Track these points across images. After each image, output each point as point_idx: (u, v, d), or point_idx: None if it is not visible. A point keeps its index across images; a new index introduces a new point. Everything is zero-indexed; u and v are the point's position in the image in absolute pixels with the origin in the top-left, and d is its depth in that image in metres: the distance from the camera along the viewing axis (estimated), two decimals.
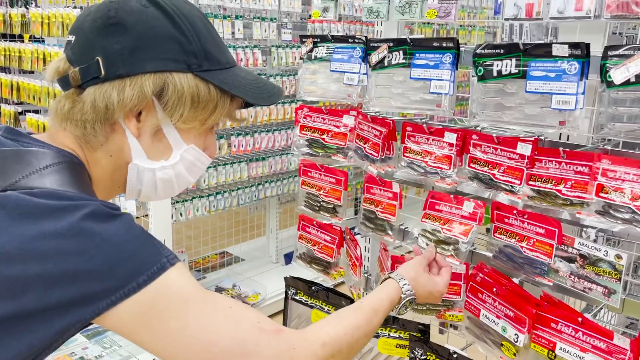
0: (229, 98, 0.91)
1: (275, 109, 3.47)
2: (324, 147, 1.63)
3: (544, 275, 1.25)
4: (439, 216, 1.42)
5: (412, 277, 1.16)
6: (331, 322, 0.94)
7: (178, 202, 3.07)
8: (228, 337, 0.77)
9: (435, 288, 1.20)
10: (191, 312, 0.76)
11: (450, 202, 1.40)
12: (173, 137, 0.90)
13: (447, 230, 1.38)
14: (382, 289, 1.11)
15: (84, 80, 0.84)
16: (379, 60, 1.43)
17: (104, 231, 0.73)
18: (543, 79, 1.16)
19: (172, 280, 0.76)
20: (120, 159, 0.90)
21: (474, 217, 1.35)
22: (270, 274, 3.84)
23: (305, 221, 1.75)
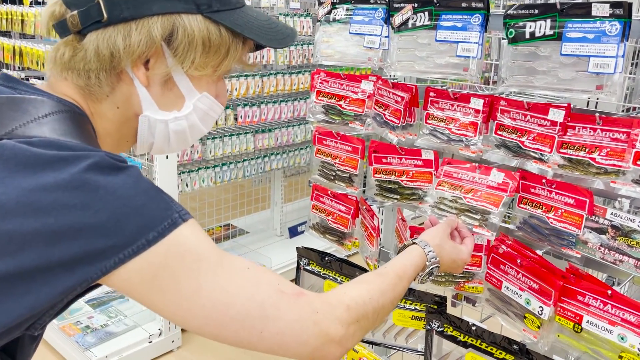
0: (241, 41, 0.85)
1: (283, 80, 3.40)
2: (341, 114, 1.58)
3: (571, 247, 1.21)
4: (458, 184, 1.36)
5: (437, 244, 1.12)
6: (355, 286, 0.88)
7: (184, 173, 3.02)
8: (245, 299, 0.72)
9: (459, 256, 1.17)
10: (206, 272, 0.71)
11: (471, 171, 1.35)
12: (185, 85, 0.84)
13: (473, 200, 1.31)
14: (405, 255, 1.07)
15: (84, 25, 0.77)
16: (402, 22, 1.37)
17: (109, 184, 0.67)
18: (580, 40, 1.10)
19: (185, 237, 0.70)
20: (128, 111, 0.83)
21: (505, 188, 1.29)
22: (275, 246, 3.82)
23: (319, 191, 1.70)
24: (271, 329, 0.73)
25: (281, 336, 0.74)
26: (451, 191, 1.35)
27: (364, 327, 0.83)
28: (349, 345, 0.80)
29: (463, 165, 1.37)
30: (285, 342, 0.74)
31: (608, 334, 1.11)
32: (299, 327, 0.74)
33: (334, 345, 0.78)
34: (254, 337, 0.73)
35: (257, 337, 0.73)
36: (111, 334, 2.76)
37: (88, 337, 2.71)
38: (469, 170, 1.35)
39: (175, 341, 2.85)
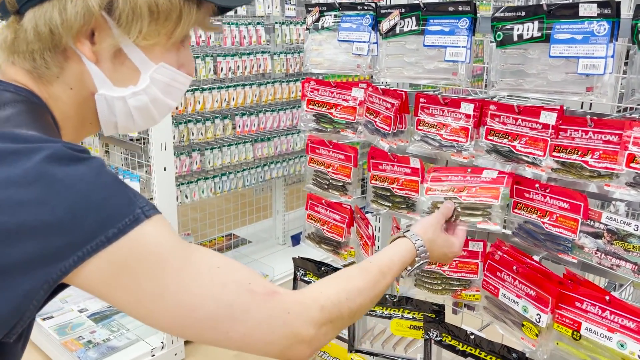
0: (195, 4, 0.78)
1: (280, 88, 3.39)
2: (332, 122, 1.56)
3: (567, 252, 1.19)
4: (450, 186, 1.31)
5: (429, 238, 1.09)
6: (334, 283, 0.84)
7: (183, 184, 3.01)
8: (212, 301, 0.69)
9: (450, 249, 1.15)
10: (169, 273, 0.67)
11: (461, 172, 1.30)
12: (137, 57, 0.77)
13: (470, 197, 1.25)
14: (394, 248, 1.04)
15: (20, 4, 0.72)
16: (390, 27, 1.35)
17: (66, 177, 0.62)
18: (569, 41, 1.08)
19: (148, 235, 0.66)
20: (83, 91, 0.77)
21: (501, 181, 1.24)
22: (278, 255, 3.79)
23: (314, 200, 1.68)
24: (238, 329, 0.70)
25: (249, 337, 0.71)
26: (443, 193, 1.31)
27: (337, 327, 0.81)
28: (319, 345, 0.79)
29: (450, 171, 1.34)
30: (252, 342, 0.72)
31: (607, 341, 1.09)
32: (267, 328, 0.72)
33: (304, 346, 0.76)
34: (221, 337, 0.70)
35: (224, 337, 0.70)
36: (113, 348, 2.74)
37: (90, 352, 2.69)
38: (458, 172, 1.32)
39: (179, 354, 2.83)
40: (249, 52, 3.18)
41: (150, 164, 2.57)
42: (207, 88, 2.99)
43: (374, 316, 1.53)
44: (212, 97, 3.02)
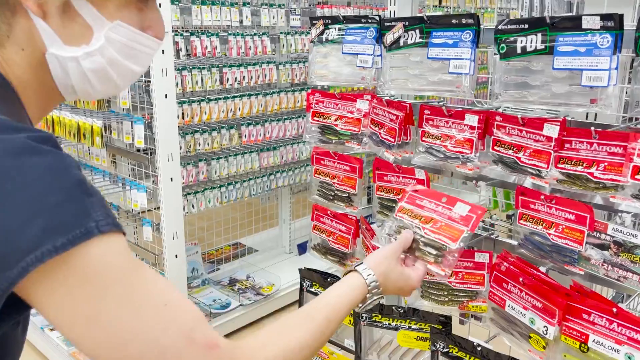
0: None
1: (286, 98, 3.40)
2: (337, 134, 1.57)
3: (574, 264, 1.18)
4: (419, 213, 1.23)
5: (383, 272, 1.02)
6: (274, 339, 0.79)
7: (190, 194, 3.03)
8: (146, 341, 0.62)
9: (407, 283, 1.08)
10: (109, 300, 0.60)
11: (436, 199, 1.22)
12: (88, 12, 0.71)
13: (432, 231, 1.17)
14: (343, 287, 0.97)
15: None
16: (394, 40, 1.36)
17: (19, 175, 0.56)
18: (572, 54, 1.08)
19: (95, 253, 0.59)
20: (35, 52, 0.71)
21: (467, 221, 1.17)
22: (284, 264, 3.80)
23: (319, 211, 1.69)
24: None
25: None
26: (410, 220, 1.23)
27: None
28: None
29: (428, 195, 1.25)
30: None
31: (615, 353, 1.08)
32: None
33: None
34: None
35: None
36: None
37: None
38: (435, 198, 1.24)
39: None
40: (255, 63, 3.20)
41: (157, 175, 2.59)
42: (213, 98, 3.01)
43: (381, 327, 1.53)
44: (218, 107, 3.04)
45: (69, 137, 2.62)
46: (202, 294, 3.31)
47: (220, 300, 3.23)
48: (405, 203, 1.26)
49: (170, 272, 2.67)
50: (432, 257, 1.15)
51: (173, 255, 2.67)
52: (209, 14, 2.92)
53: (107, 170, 2.93)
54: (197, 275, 3.43)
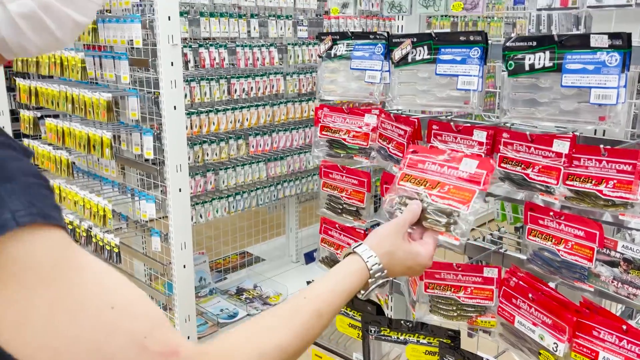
0: None
1: (293, 108, 3.42)
2: (346, 148, 1.58)
3: (584, 281, 1.18)
4: (423, 178, 1.12)
5: (387, 251, 0.91)
6: (254, 337, 0.71)
7: (198, 204, 3.04)
8: (87, 349, 0.54)
9: (416, 261, 0.96)
10: (37, 303, 0.52)
11: (440, 157, 1.12)
12: None
13: (440, 196, 1.06)
14: (339, 274, 0.86)
15: None
16: (402, 56, 1.37)
17: None
18: (580, 72, 1.08)
19: (15, 250, 0.52)
20: None
21: (478, 179, 1.07)
22: (291, 273, 3.81)
23: (328, 224, 1.70)
24: None
25: None
26: (413, 188, 1.12)
27: None
28: None
29: (430, 154, 1.15)
30: None
31: None
32: None
33: None
34: None
35: None
36: None
37: None
38: (438, 156, 1.13)
39: None
40: (262, 74, 3.22)
41: (166, 185, 2.60)
42: (221, 109, 3.03)
43: (389, 341, 1.53)
44: (226, 118, 3.06)
45: (79, 148, 2.65)
46: (210, 303, 3.32)
47: (227, 309, 3.24)
48: (407, 169, 1.15)
49: (179, 282, 2.68)
50: (443, 226, 1.02)
51: (181, 266, 2.68)
52: (217, 26, 2.95)
53: (116, 180, 2.96)
54: (204, 284, 3.45)
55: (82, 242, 2.86)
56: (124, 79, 2.56)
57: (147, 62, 2.53)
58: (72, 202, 2.82)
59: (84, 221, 2.82)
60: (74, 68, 2.60)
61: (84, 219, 2.81)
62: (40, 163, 3.01)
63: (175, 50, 2.47)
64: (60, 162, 2.82)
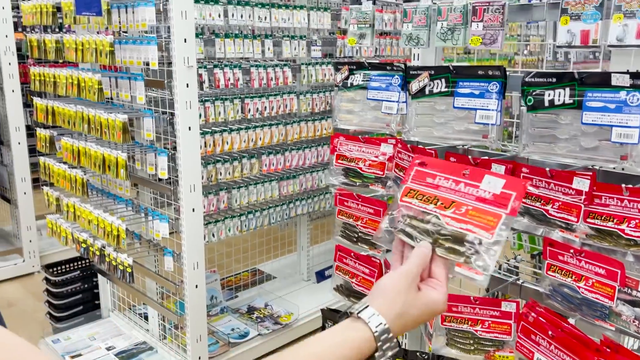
0: None
1: (306, 127, 3.43)
2: (362, 177, 1.58)
3: (604, 319, 1.16)
4: (433, 194, 0.91)
5: (399, 312, 0.76)
6: None
7: (210, 223, 3.05)
8: None
9: (431, 311, 0.81)
10: None
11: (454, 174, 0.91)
12: None
13: (456, 219, 0.86)
14: (340, 345, 0.72)
15: None
16: (419, 88, 1.37)
17: None
18: (601, 110, 1.08)
19: None
20: None
21: (505, 201, 0.86)
22: (302, 292, 3.79)
23: (343, 252, 1.69)
24: None
25: None
26: (421, 206, 0.91)
27: None
28: None
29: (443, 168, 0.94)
30: None
31: None
32: None
33: None
34: None
35: None
36: None
37: None
38: (453, 172, 0.92)
39: None
40: (276, 93, 3.24)
41: (179, 205, 2.61)
42: (235, 129, 3.05)
43: None
44: (239, 137, 3.08)
45: (94, 167, 2.67)
46: (221, 322, 3.31)
47: (238, 329, 3.23)
48: (412, 183, 0.94)
49: (191, 302, 2.68)
50: (461, 256, 0.84)
51: (193, 286, 2.69)
52: (232, 47, 2.97)
53: (130, 199, 2.97)
54: (215, 303, 3.44)
55: (96, 261, 2.87)
56: (140, 100, 2.59)
57: (163, 83, 2.55)
58: (86, 221, 2.84)
59: (98, 240, 2.83)
60: (90, 89, 2.63)
61: (98, 238, 2.82)
62: (55, 181, 3.04)
63: (191, 72, 2.49)
64: (75, 181, 2.85)
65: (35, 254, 4.32)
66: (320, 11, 3.38)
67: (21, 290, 4.02)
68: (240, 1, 3.01)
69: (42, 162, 3.12)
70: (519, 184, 0.87)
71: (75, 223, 3.00)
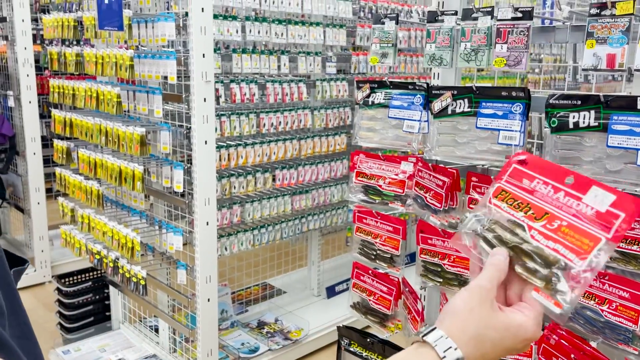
0: None
1: (320, 142, 3.45)
2: (381, 195, 1.58)
3: (628, 343, 1.15)
4: (526, 200, 0.78)
5: (473, 335, 0.65)
6: None
7: (223, 237, 3.06)
8: None
9: (517, 338, 0.67)
10: None
11: (555, 179, 0.77)
12: None
13: (546, 236, 0.73)
14: None
15: None
16: (442, 108, 1.38)
17: None
18: (627, 133, 1.08)
19: None
20: None
21: (610, 221, 0.72)
22: (313, 307, 3.77)
23: (360, 269, 1.69)
24: None
25: None
26: (511, 211, 0.78)
27: None
28: None
29: (545, 171, 0.79)
30: None
31: None
32: None
33: None
34: None
35: None
36: None
37: None
38: (550, 176, 0.78)
39: None
40: (291, 108, 3.27)
41: (194, 218, 2.63)
42: (249, 143, 3.07)
43: None
44: (254, 151, 3.10)
45: (110, 180, 2.69)
46: (231, 336, 3.30)
47: (249, 344, 3.22)
48: (507, 182, 0.81)
49: (202, 315, 2.67)
50: (540, 280, 0.70)
51: (205, 299, 2.69)
52: (248, 62, 3.01)
53: (144, 212, 2.99)
54: (226, 317, 3.43)
55: (109, 272, 2.89)
56: (157, 113, 2.62)
57: (181, 97, 2.58)
58: (100, 233, 2.86)
59: (112, 252, 2.84)
60: (109, 102, 2.66)
61: (112, 250, 2.83)
62: (70, 192, 3.06)
63: (209, 86, 2.52)
64: (91, 193, 2.87)
65: (47, 264, 4.34)
66: (336, 28, 3.42)
67: (32, 300, 4.03)
68: (258, 17, 3.05)
69: (58, 173, 3.15)
70: (631, 204, 0.71)
71: (89, 234, 3.02)
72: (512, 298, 0.73)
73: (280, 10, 3.08)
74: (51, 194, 4.44)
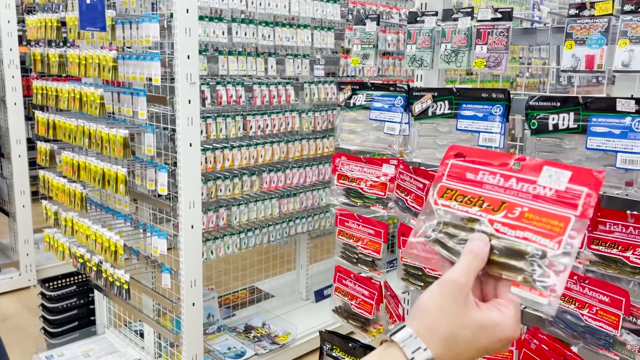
0: None
1: (307, 145, 3.43)
2: (363, 197, 1.56)
3: (608, 348, 1.14)
4: (477, 194, 0.72)
5: (445, 335, 0.60)
6: None
7: (209, 240, 3.03)
8: None
9: (494, 337, 0.62)
10: None
11: (500, 166, 0.72)
12: None
13: (511, 226, 0.67)
14: None
15: None
16: (422, 110, 1.36)
17: None
18: (606, 135, 1.07)
19: None
20: None
21: (573, 201, 0.66)
22: (300, 311, 3.74)
23: (342, 273, 1.67)
24: None
25: None
26: (464, 207, 0.71)
27: None
28: None
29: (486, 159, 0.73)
30: None
31: None
32: None
33: None
34: None
35: None
36: None
37: None
38: (498, 165, 0.72)
39: None
40: (278, 111, 3.24)
41: (178, 222, 2.59)
42: (236, 145, 3.04)
43: None
44: (240, 154, 3.07)
45: (93, 182, 2.65)
46: (217, 341, 3.27)
47: (235, 348, 3.18)
48: (449, 180, 0.75)
49: (187, 320, 2.64)
50: (519, 273, 0.65)
51: (190, 303, 2.65)
52: (235, 64, 2.98)
53: (129, 214, 2.95)
54: (212, 321, 3.40)
55: (93, 276, 2.85)
56: (141, 115, 2.59)
57: (165, 99, 2.55)
58: (84, 236, 2.82)
59: (95, 255, 2.81)
60: (92, 104, 2.63)
61: (95, 253, 2.79)
62: (54, 195, 3.02)
63: (193, 88, 2.50)
64: (75, 196, 2.83)
65: (32, 268, 4.29)
66: (324, 30, 3.40)
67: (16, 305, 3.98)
68: (245, 19, 3.03)
69: (42, 176, 3.11)
70: (590, 177, 0.66)
71: (72, 238, 2.98)
72: (489, 293, 0.67)
73: (267, 12, 3.06)
74: (37, 197, 4.38)
